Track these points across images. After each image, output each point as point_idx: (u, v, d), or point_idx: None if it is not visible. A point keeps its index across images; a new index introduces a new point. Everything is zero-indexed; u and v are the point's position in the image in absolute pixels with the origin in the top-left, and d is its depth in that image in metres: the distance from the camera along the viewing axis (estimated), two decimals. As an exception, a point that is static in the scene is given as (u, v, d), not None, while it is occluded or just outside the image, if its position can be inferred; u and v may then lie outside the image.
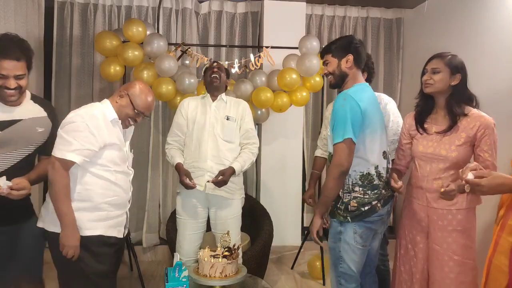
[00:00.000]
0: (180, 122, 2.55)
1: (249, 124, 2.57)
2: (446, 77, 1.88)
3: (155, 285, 3.29)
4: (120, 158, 1.90)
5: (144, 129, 3.81)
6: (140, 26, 3.13)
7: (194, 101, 2.60)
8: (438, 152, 1.90)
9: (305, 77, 3.40)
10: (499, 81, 2.91)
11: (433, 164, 1.92)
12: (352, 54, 1.96)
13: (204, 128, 2.47)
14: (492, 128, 1.84)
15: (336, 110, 1.88)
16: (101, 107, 1.87)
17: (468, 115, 1.88)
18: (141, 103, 1.91)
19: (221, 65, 2.65)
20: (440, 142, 1.91)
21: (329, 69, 2.00)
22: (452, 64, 1.88)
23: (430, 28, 3.75)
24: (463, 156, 1.86)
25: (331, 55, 2.00)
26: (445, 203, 1.87)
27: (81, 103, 3.55)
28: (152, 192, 3.82)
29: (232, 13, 4.00)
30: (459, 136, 1.86)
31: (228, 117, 2.50)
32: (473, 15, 3.18)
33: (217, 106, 2.53)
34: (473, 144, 1.86)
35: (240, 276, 2.13)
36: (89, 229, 1.80)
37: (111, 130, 1.86)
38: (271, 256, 3.38)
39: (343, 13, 4.17)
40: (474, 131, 1.84)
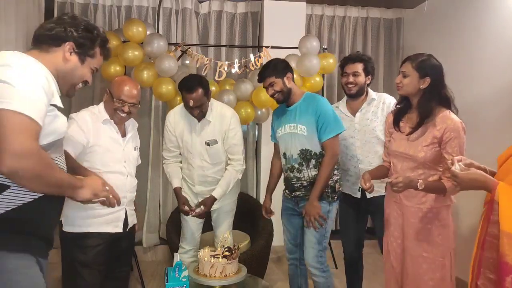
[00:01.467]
0: (171, 138, 2.52)
1: (234, 139, 2.48)
2: (414, 81, 1.92)
3: (155, 285, 3.29)
4: (112, 158, 1.97)
5: (144, 129, 3.81)
6: (140, 26, 3.14)
7: (179, 118, 2.48)
8: (408, 152, 1.95)
9: (305, 77, 3.40)
10: (498, 81, 2.91)
11: (404, 163, 1.98)
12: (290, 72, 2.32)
13: (192, 151, 2.47)
14: (458, 131, 1.86)
15: (326, 110, 2.24)
16: (94, 110, 2.01)
17: (438, 117, 1.91)
18: (117, 92, 1.98)
19: (198, 95, 2.28)
20: (410, 142, 1.96)
21: (276, 88, 2.28)
22: (421, 68, 1.91)
23: (430, 28, 3.75)
24: (431, 157, 1.89)
25: (274, 77, 2.27)
26: (416, 201, 1.94)
27: (81, 103, 3.60)
28: (152, 192, 3.82)
29: (232, 13, 4.00)
30: (426, 137, 1.91)
31: (208, 142, 2.43)
32: (473, 15, 3.18)
33: (202, 127, 2.44)
34: (440, 145, 1.89)
35: (240, 276, 2.13)
36: (80, 226, 1.93)
37: (103, 131, 1.96)
38: (271, 256, 3.37)
39: (343, 13, 4.17)
40: (441, 132, 1.87)
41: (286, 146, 2.35)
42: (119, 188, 1.95)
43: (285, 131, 2.34)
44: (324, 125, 2.21)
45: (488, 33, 3.02)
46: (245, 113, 3.32)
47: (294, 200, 2.38)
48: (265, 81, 2.31)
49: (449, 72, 3.45)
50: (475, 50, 3.16)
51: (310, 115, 2.24)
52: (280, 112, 2.43)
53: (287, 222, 2.48)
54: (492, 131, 2.95)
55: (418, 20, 4.01)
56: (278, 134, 2.41)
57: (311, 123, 2.23)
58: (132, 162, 2.12)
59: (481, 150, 3.03)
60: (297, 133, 2.27)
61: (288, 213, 2.45)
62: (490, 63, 3.00)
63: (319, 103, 2.26)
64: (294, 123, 2.29)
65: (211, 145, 2.43)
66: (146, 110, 3.85)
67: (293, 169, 2.31)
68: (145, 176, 3.79)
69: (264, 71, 2.32)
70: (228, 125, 2.46)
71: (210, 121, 2.43)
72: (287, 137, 2.33)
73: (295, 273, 2.53)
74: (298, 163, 2.29)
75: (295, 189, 2.34)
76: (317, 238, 2.28)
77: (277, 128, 2.42)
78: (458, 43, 3.34)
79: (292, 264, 2.52)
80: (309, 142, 2.25)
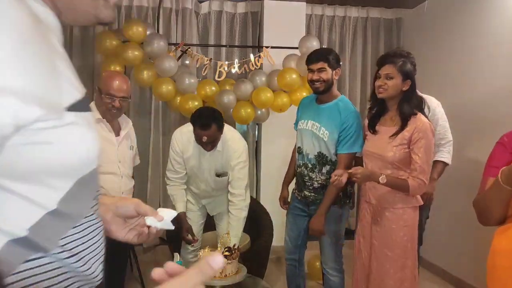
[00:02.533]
0: (178, 160, 2.40)
1: (240, 174, 2.39)
2: (399, 83, 1.93)
3: (155, 285, 3.28)
4: (104, 158, 1.91)
5: (144, 129, 3.81)
6: (140, 26, 3.13)
7: (187, 142, 2.34)
8: (378, 151, 1.99)
9: (305, 77, 3.39)
10: (498, 81, 2.91)
11: (374, 162, 2.02)
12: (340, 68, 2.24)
13: (198, 177, 2.44)
14: (426, 132, 1.88)
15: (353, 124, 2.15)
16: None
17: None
18: (106, 87, 1.94)
19: (212, 132, 2.16)
20: (382, 142, 1.99)
21: (324, 76, 2.17)
22: (404, 71, 1.93)
23: (430, 28, 3.75)
24: (399, 157, 1.93)
25: (327, 65, 2.17)
26: (384, 201, 1.98)
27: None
28: (152, 192, 3.82)
29: (232, 13, 4.00)
30: (396, 137, 1.94)
31: (220, 174, 2.40)
32: (473, 15, 3.18)
33: (212, 157, 2.35)
34: (409, 147, 1.92)
35: (240, 276, 2.13)
36: None
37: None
38: (271, 256, 3.37)
39: (343, 13, 4.16)
40: (410, 133, 1.90)
41: (303, 141, 2.32)
42: (112, 189, 1.93)
43: (307, 126, 2.29)
44: (345, 138, 2.16)
45: (488, 33, 3.02)
46: (245, 113, 3.32)
47: (304, 202, 2.36)
48: (316, 64, 2.17)
49: (449, 72, 3.48)
50: (475, 50, 3.15)
51: (337, 121, 2.17)
52: (308, 104, 2.36)
53: (292, 222, 2.45)
54: (491, 131, 2.95)
55: (418, 20, 4.00)
56: (299, 125, 2.37)
57: (335, 131, 2.18)
58: (127, 162, 2.06)
59: (480, 150, 3.04)
60: (318, 135, 2.23)
61: (295, 213, 2.43)
62: (490, 63, 2.99)
63: (350, 114, 2.17)
64: (318, 123, 2.23)
65: (222, 177, 2.41)
66: (146, 110, 3.85)
67: (307, 167, 2.30)
68: (145, 176, 3.79)
69: (320, 54, 2.20)
70: (237, 159, 2.36)
71: (220, 151, 2.33)
72: (307, 133, 2.29)
73: (293, 274, 2.54)
74: (312, 164, 2.27)
75: (305, 187, 2.32)
76: (334, 241, 2.31)
77: (300, 119, 2.38)
78: (458, 43, 3.34)
79: (290, 265, 2.53)
80: (327, 148, 2.22)
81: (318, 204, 2.25)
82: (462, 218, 3.17)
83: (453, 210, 3.31)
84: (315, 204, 2.29)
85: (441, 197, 3.48)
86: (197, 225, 2.58)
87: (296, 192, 2.42)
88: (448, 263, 3.40)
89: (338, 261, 2.34)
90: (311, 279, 3.40)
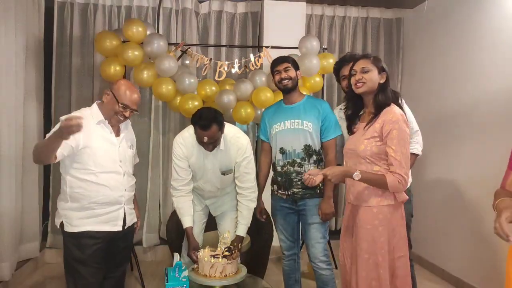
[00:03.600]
0: (183, 166, 2.36)
1: (247, 168, 2.41)
2: (375, 75, 1.90)
3: (155, 285, 3.29)
4: (105, 158, 1.99)
5: (144, 129, 3.81)
6: (140, 26, 3.13)
7: (190, 145, 2.33)
8: (352, 147, 1.94)
9: (305, 77, 3.40)
10: (498, 81, 2.91)
11: (351, 160, 1.97)
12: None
13: (202, 178, 2.42)
14: (397, 122, 1.80)
15: (331, 112, 2.39)
16: (85, 112, 1.99)
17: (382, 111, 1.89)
18: (123, 96, 1.99)
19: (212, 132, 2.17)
20: (356, 137, 1.96)
21: (290, 74, 2.38)
22: (379, 64, 1.92)
23: (430, 28, 3.75)
24: (371, 150, 1.85)
25: (290, 65, 2.39)
26: (362, 200, 1.89)
27: (81, 103, 3.61)
28: (152, 192, 3.82)
29: (232, 13, 4.00)
30: (368, 130, 1.88)
31: (224, 172, 2.38)
32: (473, 15, 3.18)
33: (215, 156, 2.34)
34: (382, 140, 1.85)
35: (240, 276, 2.13)
36: (77, 226, 1.98)
37: (96, 132, 1.97)
38: (271, 256, 3.37)
39: (343, 13, 4.17)
40: (381, 126, 1.84)
41: (285, 141, 2.39)
42: (116, 187, 2.02)
43: (285, 126, 2.41)
44: (328, 126, 2.36)
45: (488, 33, 3.02)
46: (245, 113, 3.32)
47: (291, 199, 2.42)
48: (282, 64, 2.40)
49: (449, 72, 3.48)
50: (475, 50, 3.16)
51: (317, 114, 2.36)
52: (276, 110, 2.51)
53: (283, 221, 2.52)
54: (491, 130, 2.95)
55: (418, 20, 4.01)
56: (274, 130, 2.45)
57: (317, 122, 2.36)
58: (128, 160, 2.13)
59: (481, 149, 3.04)
60: (302, 129, 2.36)
61: (284, 213, 2.49)
62: (489, 63, 3.00)
63: (325, 105, 2.41)
64: (298, 119, 2.38)
65: (226, 174, 2.41)
66: (146, 110, 3.85)
67: (294, 164, 2.37)
68: (145, 176, 3.79)
69: (285, 56, 2.48)
70: (243, 155, 2.37)
71: (222, 150, 2.32)
72: (288, 132, 2.39)
73: (292, 268, 2.60)
74: (301, 157, 2.36)
75: (292, 186, 2.37)
76: (322, 233, 2.39)
77: (273, 124, 2.46)
78: (458, 43, 3.34)
79: (290, 260, 2.59)
80: (312, 138, 2.36)
81: (307, 198, 2.36)
82: (462, 218, 3.17)
83: (453, 210, 3.31)
84: (303, 199, 2.38)
85: (441, 197, 3.49)
86: (199, 224, 2.57)
87: (279, 192, 2.47)
88: (448, 263, 3.40)
89: (326, 254, 2.41)
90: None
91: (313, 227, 2.38)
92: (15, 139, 3.04)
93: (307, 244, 2.44)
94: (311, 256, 2.42)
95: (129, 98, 2.01)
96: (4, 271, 2.93)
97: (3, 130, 2.90)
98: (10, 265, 2.98)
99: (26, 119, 3.24)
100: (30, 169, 3.30)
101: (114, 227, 2.05)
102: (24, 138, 3.20)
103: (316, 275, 2.43)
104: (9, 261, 2.97)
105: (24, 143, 3.20)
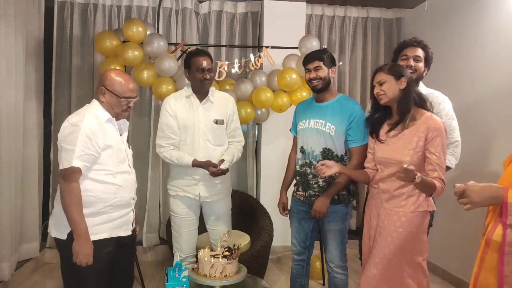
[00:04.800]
0: (170, 123, 2.41)
1: (237, 123, 2.54)
2: (393, 84, 1.95)
3: (155, 285, 3.29)
4: (119, 158, 1.91)
5: (144, 129, 3.81)
6: (140, 26, 3.13)
7: (179, 101, 2.44)
8: (393, 157, 1.96)
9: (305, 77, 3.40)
10: (499, 81, 2.91)
11: (390, 168, 1.98)
12: (335, 67, 2.30)
13: (194, 133, 2.40)
14: (441, 131, 1.87)
15: (362, 116, 2.22)
16: (92, 110, 1.87)
17: (419, 120, 1.93)
18: (122, 89, 1.88)
19: (211, 63, 2.41)
20: (395, 147, 1.97)
21: (320, 74, 2.26)
22: (393, 71, 1.96)
23: (430, 28, 3.75)
24: (417, 160, 1.91)
25: (323, 63, 2.24)
26: (395, 204, 1.96)
27: (81, 103, 3.58)
28: (152, 192, 3.82)
29: (232, 13, 4.00)
30: (411, 140, 1.92)
31: (217, 120, 2.42)
32: (473, 15, 3.18)
33: (205, 108, 2.43)
34: (424, 148, 1.90)
35: (240, 276, 2.13)
36: (94, 234, 1.83)
37: (107, 130, 1.87)
38: (271, 256, 3.38)
39: (343, 13, 4.17)
40: (424, 134, 1.88)
41: (306, 140, 2.32)
42: (129, 188, 1.96)
43: (309, 125, 2.32)
44: (357, 131, 2.22)
45: (488, 33, 3.02)
46: (245, 113, 3.32)
47: (309, 203, 2.33)
48: (312, 63, 2.27)
49: (449, 72, 3.48)
50: (475, 50, 3.16)
51: (343, 116, 2.23)
52: (307, 106, 2.42)
53: (298, 226, 2.43)
54: (492, 130, 2.95)
55: (418, 20, 4.01)
56: (299, 127, 2.39)
57: (342, 125, 2.23)
58: (131, 160, 2.07)
59: (482, 149, 3.04)
60: (324, 131, 2.25)
61: (300, 217, 2.40)
62: (490, 63, 3.00)
63: (356, 107, 2.26)
64: (322, 120, 2.27)
65: (219, 124, 2.43)
66: (146, 110, 3.85)
67: (311, 165, 2.28)
68: (145, 176, 3.79)
69: (315, 53, 2.32)
70: (232, 109, 2.51)
71: (213, 102, 2.45)
72: (310, 132, 2.30)
73: (300, 273, 2.52)
74: (317, 160, 2.25)
75: (309, 187, 2.31)
76: (340, 238, 2.32)
77: (300, 120, 2.40)
78: (458, 43, 3.34)
79: (298, 265, 2.51)
80: (333, 142, 2.25)
81: None
82: (463, 218, 3.16)
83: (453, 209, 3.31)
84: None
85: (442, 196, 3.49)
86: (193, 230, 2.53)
87: (297, 194, 2.40)
88: (448, 263, 3.40)
89: (344, 259, 2.34)
90: (311, 279, 3.40)
91: (331, 232, 2.31)
92: (15, 139, 3.04)
93: (325, 247, 2.39)
94: (328, 259, 2.36)
95: (128, 88, 1.90)
96: (4, 271, 2.93)
97: (3, 130, 2.90)
98: (10, 265, 2.98)
99: (26, 119, 3.24)
100: (30, 169, 3.30)
101: (126, 231, 1.98)
102: (24, 138, 3.21)
103: (330, 276, 2.38)
104: (9, 261, 2.97)
105: (24, 143, 3.20)
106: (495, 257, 1.37)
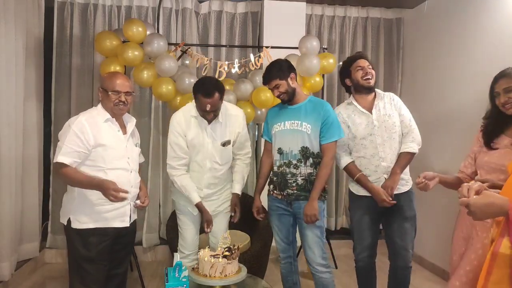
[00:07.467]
0: (181, 144, 2.37)
1: (245, 136, 2.53)
2: None
3: (155, 285, 3.29)
4: (114, 155, 2.04)
5: (144, 129, 3.81)
6: (140, 26, 3.13)
7: (188, 120, 2.37)
8: (502, 163, 1.83)
9: (305, 77, 3.40)
10: (499, 81, 2.91)
11: (490, 174, 1.87)
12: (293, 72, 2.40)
13: (202, 154, 2.40)
14: None
15: (332, 115, 2.34)
16: (93, 112, 2.07)
17: None
18: (110, 85, 2.04)
19: (215, 100, 2.22)
20: (505, 154, 1.86)
21: (281, 90, 2.34)
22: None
23: (430, 28, 3.75)
24: None
25: (278, 79, 2.33)
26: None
27: (81, 103, 3.61)
28: (152, 192, 3.82)
29: (232, 13, 4.00)
30: None
31: (224, 143, 2.40)
32: (473, 15, 3.18)
33: (213, 129, 2.38)
34: None
35: (240, 276, 2.13)
36: (85, 223, 2.02)
37: (105, 130, 2.03)
38: (271, 256, 3.37)
39: (343, 13, 4.17)
40: None
41: (283, 141, 2.38)
42: (123, 183, 2.06)
43: (285, 127, 2.39)
44: (329, 129, 2.31)
45: (488, 33, 3.02)
46: (245, 113, 3.31)
47: (287, 200, 2.39)
48: (270, 84, 2.38)
49: (449, 71, 3.48)
50: (475, 49, 3.16)
51: (316, 116, 2.33)
52: (278, 110, 2.49)
53: (278, 222, 2.49)
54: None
55: (418, 20, 4.01)
56: (274, 130, 2.45)
57: (316, 124, 2.32)
58: (135, 158, 2.19)
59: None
60: (301, 130, 2.33)
61: (279, 213, 2.46)
62: (490, 63, 2.99)
63: (327, 107, 2.36)
64: (298, 121, 2.35)
65: (226, 146, 2.41)
66: (146, 110, 3.85)
67: (289, 165, 2.35)
68: (145, 176, 3.78)
69: (268, 73, 2.37)
70: (242, 126, 2.48)
71: (221, 122, 2.39)
72: (287, 133, 2.37)
73: (289, 271, 2.57)
74: (297, 159, 2.34)
75: (287, 187, 2.36)
76: (319, 236, 2.35)
77: (274, 124, 2.45)
78: (458, 43, 3.34)
79: (286, 262, 2.56)
80: (310, 141, 2.33)
81: (301, 200, 2.33)
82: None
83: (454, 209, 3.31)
84: (298, 200, 2.35)
85: (441, 197, 3.49)
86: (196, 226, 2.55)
87: (274, 192, 2.45)
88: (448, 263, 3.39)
89: (325, 257, 2.37)
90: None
91: (308, 230, 2.34)
92: (15, 139, 3.04)
93: (304, 248, 2.40)
94: (309, 260, 2.37)
95: (115, 82, 2.04)
96: (4, 271, 2.93)
97: (3, 130, 2.90)
98: (10, 265, 2.98)
99: (26, 119, 3.24)
100: (30, 169, 3.30)
101: (122, 223, 2.11)
102: (24, 138, 3.20)
103: (315, 278, 2.40)
104: (9, 261, 2.97)
105: (24, 143, 3.20)
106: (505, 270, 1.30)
